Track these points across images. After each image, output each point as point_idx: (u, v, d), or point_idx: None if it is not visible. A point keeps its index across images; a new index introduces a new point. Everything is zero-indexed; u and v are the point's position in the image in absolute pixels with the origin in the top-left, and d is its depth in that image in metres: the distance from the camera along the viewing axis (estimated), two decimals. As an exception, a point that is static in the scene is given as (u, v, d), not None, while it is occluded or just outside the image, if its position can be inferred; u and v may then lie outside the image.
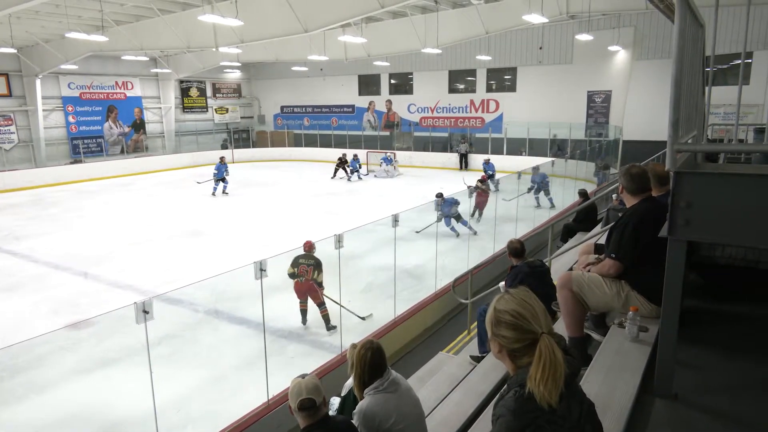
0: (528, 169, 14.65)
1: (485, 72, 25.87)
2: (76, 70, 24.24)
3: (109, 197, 18.99)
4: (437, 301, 8.44)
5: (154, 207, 16.94)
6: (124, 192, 20.14)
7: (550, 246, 8.45)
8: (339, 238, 6.34)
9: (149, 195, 19.32)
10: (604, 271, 3.33)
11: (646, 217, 3.16)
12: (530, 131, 23.69)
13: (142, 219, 15.18)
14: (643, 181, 3.31)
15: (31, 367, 6.74)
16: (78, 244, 12.61)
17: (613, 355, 3.04)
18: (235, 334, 7.96)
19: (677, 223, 2.38)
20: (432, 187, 19.10)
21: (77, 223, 14.85)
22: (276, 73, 32.04)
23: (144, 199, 18.37)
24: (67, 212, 16.47)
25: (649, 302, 3.26)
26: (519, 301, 1.68)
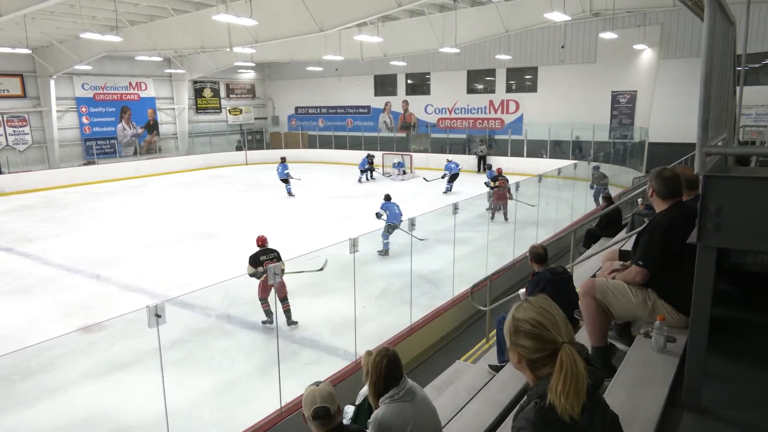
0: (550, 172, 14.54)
1: (505, 72, 25.77)
2: (90, 71, 24.70)
3: (122, 199, 19.28)
4: (455, 307, 8.40)
5: (167, 209, 17.16)
6: (137, 194, 20.43)
7: (573, 252, 8.37)
8: (354, 242, 6.35)
9: (162, 197, 19.57)
10: (629, 279, 3.28)
11: (676, 223, 3.11)
12: (551, 133, 23.53)
13: (155, 221, 15.38)
14: (675, 185, 3.25)
15: (44, 370, 6.86)
16: (90, 247, 12.81)
17: (638, 366, 3.00)
18: (247, 339, 8.01)
19: (707, 229, 2.35)
20: (449, 190, 19.04)
21: (90, 225, 15.10)
22: (290, 73, 32.30)
23: (157, 201, 18.62)
24: (80, 214, 16.76)
25: (677, 311, 3.21)
26: (538, 309, 1.66)
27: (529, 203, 12.68)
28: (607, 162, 19.04)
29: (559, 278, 4.98)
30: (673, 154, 13.69)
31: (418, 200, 17.82)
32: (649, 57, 20.83)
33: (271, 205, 17.66)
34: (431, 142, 27.98)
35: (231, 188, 21.20)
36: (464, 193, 16.18)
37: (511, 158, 24.37)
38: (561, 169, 14.13)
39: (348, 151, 29.09)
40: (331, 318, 8.34)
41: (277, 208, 17.12)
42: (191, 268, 11.00)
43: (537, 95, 24.99)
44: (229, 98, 32.50)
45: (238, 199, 18.72)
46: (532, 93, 25.26)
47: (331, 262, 7.91)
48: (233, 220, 15.37)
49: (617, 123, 22.77)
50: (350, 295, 7.07)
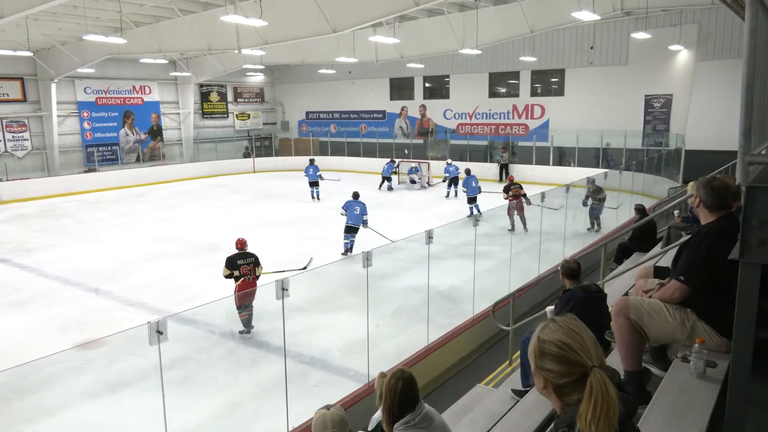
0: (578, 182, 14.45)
1: (529, 74, 25.75)
2: (93, 74, 25.18)
3: (123, 208, 19.54)
4: (475, 327, 8.35)
5: (171, 219, 17.34)
6: (139, 203, 20.69)
7: (603, 267, 8.28)
8: (367, 256, 6.34)
9: (165, 206, 19.79)
10: (667, 295, 3.23)
11: (723, 238, 3.05)
12: (579, 139, 23.41)
13: (158, 232, 15.54)
14: (725, 195, 3.20)
15: (39, 388, 6.93)
16: (90, 258, 12.98)
17: (675, 393, 2.94)
18: (253, 358, 8.02)
19: (750, 245, 2.31)
20: (470, 200, 18.97)
21: (89, 236, 15.30)
22: (301, 76, 32.61)
23: (160, 211, 18.83)
24: (79, 224, 17.00)
25: (719, 334, 3.16)
26: (566, 330, 1.65)
27: (552, 207, 12.64)
28: (641, 171, 18.86)
29: (592, 297, 4.87)
30: (712, 163, 13.53)
31: (434, 211, 17.81)
32: (685, 58, 20.67)
33: (280, 215, 17.76)
34: (450, 149, 27.99)
35: (237, 198, 21.38)
36: (485, 204, 16.11)
37: (536, 167, 24.27)
38: (589, 178, 14.02)
39: (362, 159, 29.21)
40: (343, 337, 8.32)
41: (286, 219, 17.21)
42: (195, 282, 11.08)
43: (564, 99, 24.91)
44: (236, 102, 32.89)
45: (244, 210, 18.86)
46: (558, 97, 25.18)
47: (343, 277, 7.91)
48: (239, 232, 15.44)
49: (651, 129, 22.58)
50: (363, 313, 7.05)
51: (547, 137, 24.85)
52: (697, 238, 3.23)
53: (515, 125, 26.52)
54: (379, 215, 17.60)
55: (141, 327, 4.44)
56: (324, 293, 10.07)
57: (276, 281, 5.39)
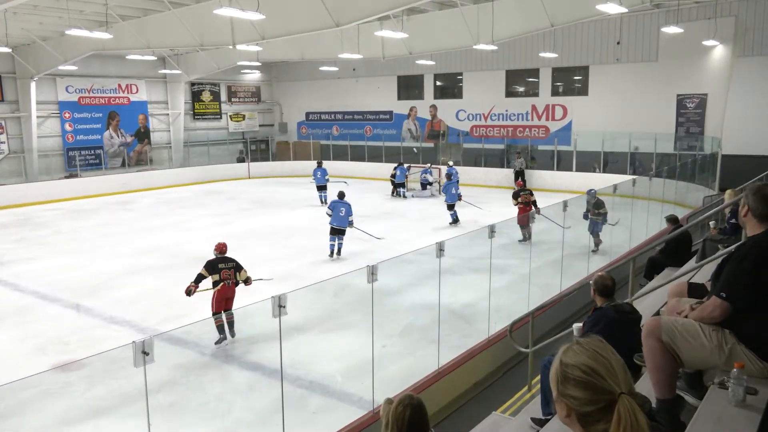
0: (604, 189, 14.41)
1: (550, 72, 25.79)
2: (75, 72, 25.41)
3: (107, 217, 19.64)
4: (491, 348, 8.31)
5: (158, 229, 17.40)
6: (124, 211, 20.79)
7: (632, 284, 8.24)
8: (372, 270, 6.34)
9: (153, 215, 19.88)
10: (706, 314, 3.20)
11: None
12: (605, 143, 23.38)
13: (144, 243, 15.60)
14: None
15: (13, 413, 6.94)
16: (70, 272, 13.03)
17: (712, 423, 2.92)
18: (247, 382, 8.01)
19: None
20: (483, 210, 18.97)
21: (70, 248, 15.37)
22: (301, 74, 32.80)
23: (146, 220, 18.91)
24: (59, 234, 17.09)
25: (760, 359, 3.13)
26: (591, 353, 1.64)
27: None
28: (673, 178, 18.81)
29: (625, 319, 4.77)
30: (752, 169, 13.46)
31: (445, 221, 17.79)
32: (720, 55, 20.64)
33: (277, 225, 17.80)
34: (463, 153, 28.00)
35: (231, 206, 21.46)
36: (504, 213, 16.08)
37: (557, 173, 24.25)
38: (617, 185, 13.98)
39: (366, 164, 29.28)
40: (345, 358, 8.30)
41: (284, 229, 17.24)
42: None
43: (588, 99, 24.92)
44: (230, 102, 33.09)
45: (239, 219, 18.92)
46: (582, 97, 25.19)
47: (346, 293, 7.90)
48: (233, 244, 15.46)
49: (684, 132, 22.53)
50: (368, 332, 7.04)
51: (569, 140, 24.84)
52: (742, 251, 3.20)
53: (534, 127, 26.53)
54: (385, 225, 17.62)
55: (125, 347, 4.44)
56: (325, 311, 10.06)
57: (272, 297, 5.39)
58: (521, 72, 26.82)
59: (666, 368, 3.19)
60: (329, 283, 8.78)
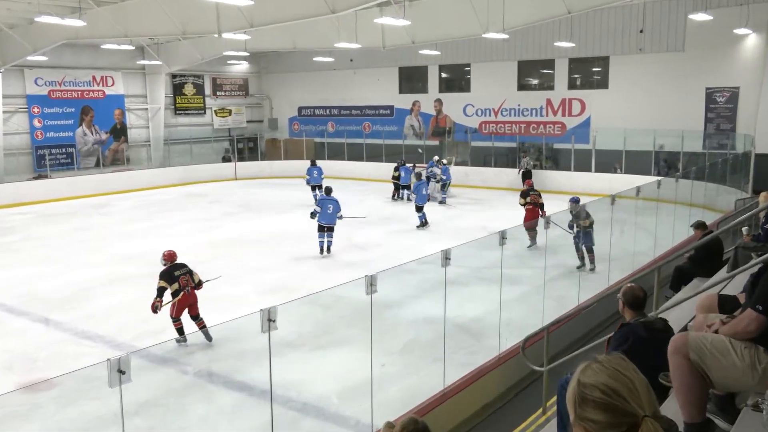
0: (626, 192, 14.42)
1: (567, 63, 25.84)
2: (45, 63, 25.45)
3: (79, 222, 19.64)
4: (501, 367, 8.31)
5: (136, 235, 17.40)
6: (99, 216, 20.80)
7: (656, 296, 8.22)
8: (371, 281, 6.34)
9: (130, 220, 19.88)
10: (741, 328, 3.20)
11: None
12: (627, 141, 23.39)
13: (121, 250, 15.59)
14: None
15: (-24, 439, 6.93)
16: (39, 282, 13.02)
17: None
18: (233, 403, 7.99)
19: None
20: (493, 214, 18.99)
21: (39, 255, 15.36)
22: (293, 65, 32.84)
23: (123, 225, 18.91)
24: (27, 241, 17.09)
25: (797, 378, 3.12)
26: (612, 372, 1.64)
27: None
28: (701, 179, 18.81)
29: (656, 337, 4.67)
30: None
31: (451, 226, 17.80)
32: (754, 44, 20.68)
33: (266, 231, 17.79)
34: (471, 152, 28.02)
35: (216, 210, 21.46)
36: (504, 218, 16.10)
37: (574, 173, 24.25)
38: (640, 188, 13.98)
39: (365, 164, 29.29)
40: (341, 378, 8.29)
41: (274, 235, 17.24)
42: (165, 311, 11.07)
43: (608, 93, 24.95)
44: (215, 96, 33.14)
45: (224, 224, 18.93)
46: (601, 90, 25.23)
47: (342, 306, 7.91)
48: (218, 251, 15.50)
49: (714, 129, 22.54)
50: (366, 349, 7.03)
51: (587, 138, 24.85)
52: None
53: (549, 124, 26.57)
54: (385, 231, 17.63)
55: (99, 365, 4.43)
56: (319, 325, 10.05)
57: (261, 310, 5.39)
58: (535, 63, 26.86)
59: (694, 389, 3.19)
60: (323, 295, 8.76)
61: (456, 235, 16.08)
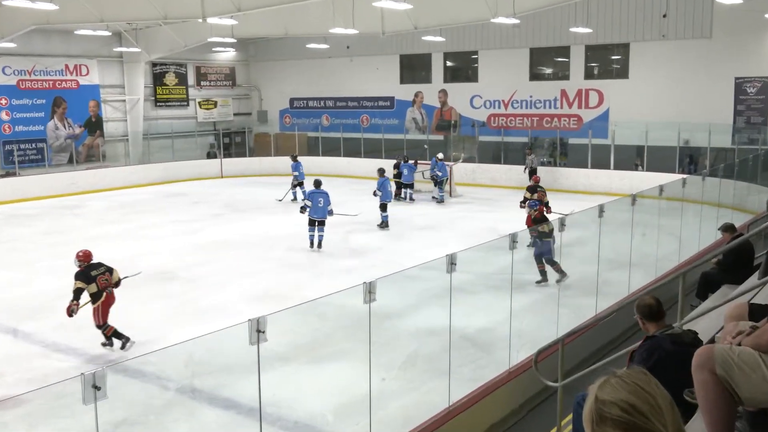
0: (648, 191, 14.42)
1: (583, 50, 25.85)
2: (14, 50, 25.38)
3: (50, 224, 19.62)
4: (512, 382, 8.31)
5: (112, 238, 17.37)
6: (72, 217, 20.78)
7: (681, 304, 8.22)
8: (369, 288, 6.34)
9: (105, 222, 19.86)
10: (764, 340, 3.20)
11: None
12: (649, 136, 23.41)
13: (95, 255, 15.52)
14: None
15: (-63, 461, 6.92)
16: (6, 290, 13.01)
17: (778, 473, 2.91)
18: (219, 421, 7.99)
19: None
20: (503, 215, 18.99)
21: (6, 260, 15.36)
22: (284, 52, 32.84)
23: (98, 227, 18.88)
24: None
25: (834, 394, 3.13)
26: (633, 388, 1.65)
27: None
28: (730, 177, 18.81)
29: (686, 351, 4.64)
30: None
31: (457, 228, 17.79)
32: (788, 30, 20.67)
33: (255, 234, 17.78)
34: (479, 147, 28.03)
35: (199, 211, 21.45)
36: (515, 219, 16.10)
37: (591, 171, 24.26)
38: (663, 186, 13.99)
39: (363, 160, 29.28)
40: (337, 394, 8.29)
41: (264, 238, 17.23)
42: (143, 320, 11.08)
43: (628, 83, 24.96)
44: (199, 87, 33.14)
45: (209, 227, 18.93)
46: (621, 80, 25.25)
47: (338, 315, 7.90)
48: (201, 256, 15.50)
49: (743, 122, 22.55)
50: (364, 362, 7.03)
51: (606, 132, 24.87)
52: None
53: (564, 117, 26.58)
54: (384, 234, 17.63)
55: (72, 380, 4.43)
56: (313, 336, 10.04)
57: (249, 321, 5.38)
58: (548, 51, 26.89)
59: (721, 406, 3.18)
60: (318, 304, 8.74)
61: (462, 238, 16.09)
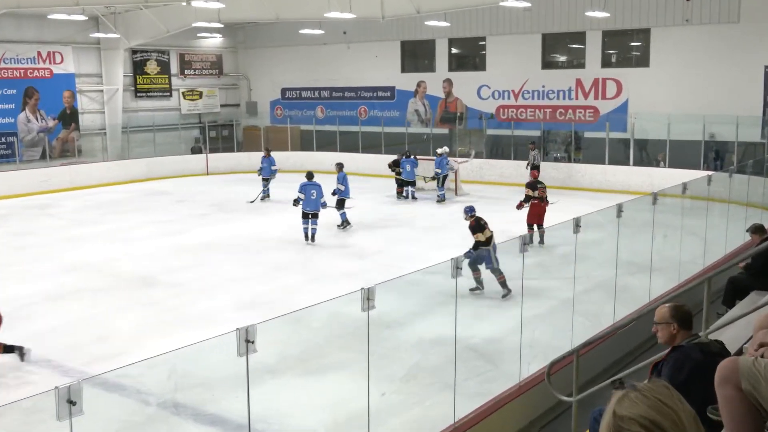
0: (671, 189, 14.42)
1: (600, 36, 25.82)
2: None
3: (21, 225, 19.61)
4: (523, 396, 8.30)
5: (88, 240, 17.37)
6: (45, 217, 20.75)
7: (706, 312, 8.21)
8: (368, 294, 6.34)
9: (81, 222, 19.85)
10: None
11: None
12: (672, 129, 23.39)
13: (70, 259, 15.57)
14: None
15: None
16: (-26, 296, 12.99)
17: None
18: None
19: None
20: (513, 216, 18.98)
21: (-26, 264, 15.33)
22: (276, 39, 32.82)
23: (73, 229, 18.88)
24: (-40, 247, 17.05)
25: None
26: (653, 402, 1.65)
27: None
28: (760, 174, 18.82)
29: (713, 362, 4.66)
30: None
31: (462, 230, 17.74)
32: (822, 14, 20.67)
33: (244, 236, 17.77)
34: (487, 142, 28.00)
35: (184, 211, 21.45)
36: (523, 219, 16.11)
37: (608, 167, 24.25)
38: (687, 184, 14.00)
39: (361, 155, 29.25)
40: (333, 409, 8.29)
41: (253, 241, 17.22)
42: (122, 331, 11.07)
43: (649, 72, 24.94)
44: (183, 76, 33.12)
45: (193, 228, 18.93)
46: (641, 68, 25.21)
47: (334, 324, 7.89)
48: (185, 260, 15.49)
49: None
50: (362, 375, 7.03)
51: (624, 125, 24.86)
52: None
53: (580, 108, 26.55)
54: (384, 237, 17.62)
55: (46, 394, 4.43)
56: (306, 347, 10.03)
57: (237, 330, 5.38)
58: (562, 36, 26.87)
59: (747, 423, 3.19)
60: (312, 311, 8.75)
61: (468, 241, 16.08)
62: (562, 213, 15.03)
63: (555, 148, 26.79)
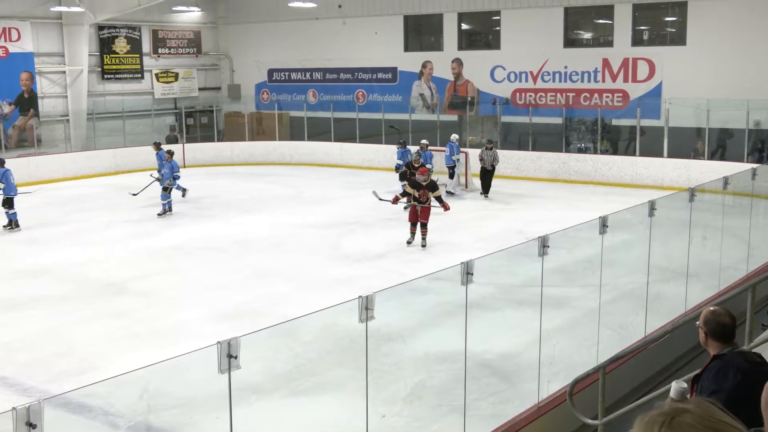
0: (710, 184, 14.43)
1: (630, 10, 25.80)
2: (-72, 10, 25.47)
3: (-27, 225, 19.62)
4: (542, 419, 8.33)
5: (49, 242, 17.39)
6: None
7: (750, 323, 8.25)
8: (366, 303, 6.36)
9: (41, 222, 19.85)
10: None
11: None
12: (711, 116, 23.40)
13: (27, 263, 15.59)
14: None
15: None
16: None
17: None
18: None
19: None
20: (532, 214, 19.01)
21: None
22: (261, 13, 32.82)
23: (31, 230, 18.88)
24: None
25: None
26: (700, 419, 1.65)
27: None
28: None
29: (758, 370, 4.68)
30: None
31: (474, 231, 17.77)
32: None
33: (225, 237, 17.78)
34: (502, 130, 27.99)
35: (156, 209, 21.44)
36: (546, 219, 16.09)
37: (640, 159, 24.25)
38: (728, 178, 14.02)
39: (359, 146, 29.27)
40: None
41: (235, 242, 17.23)
42: (88, 344, 11.08)
43: (685, 51, 24.90)
44: (157, 55, 33.08)
45: (166, 228, 18.97)
46: (676, 47, 25.18)
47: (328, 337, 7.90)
48: (157, 264, 15.49)
49: (828, 99, 22.56)
50: (359, 395, 7.05)
51: (658, 112, 24.85)
52: None
53: (607, 92, 26.51)
54: (386, 238, 17.62)
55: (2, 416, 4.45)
56: (296, 363, 10.05)
57: (219, 343, 5.39)
58: (587, 10, 26.88)
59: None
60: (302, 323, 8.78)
61: (481, 242, 16.10)
62: (587, 212, 15.04)
63: (579, 138, 26.75)
